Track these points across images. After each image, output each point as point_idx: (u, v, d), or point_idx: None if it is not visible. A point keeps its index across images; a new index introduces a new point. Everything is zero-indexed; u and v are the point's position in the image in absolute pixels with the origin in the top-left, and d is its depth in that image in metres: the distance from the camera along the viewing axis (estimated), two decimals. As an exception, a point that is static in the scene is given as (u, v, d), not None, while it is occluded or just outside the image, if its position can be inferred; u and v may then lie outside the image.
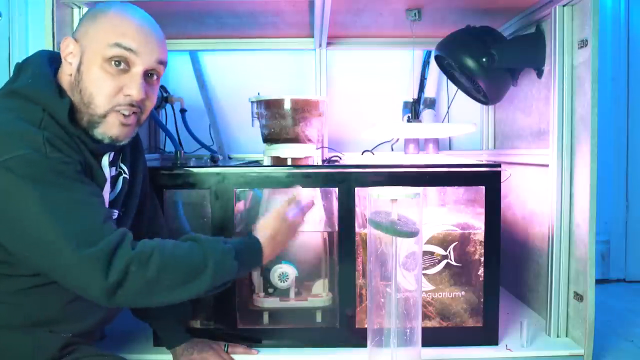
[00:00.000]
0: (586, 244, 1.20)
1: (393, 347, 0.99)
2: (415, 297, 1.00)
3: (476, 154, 1.84)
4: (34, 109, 0.86)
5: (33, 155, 0.80)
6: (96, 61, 0.88)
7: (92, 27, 0.90)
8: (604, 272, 2.07)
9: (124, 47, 0.88)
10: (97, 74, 0.88)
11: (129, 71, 0.90)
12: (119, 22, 0.90)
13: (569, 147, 1.26)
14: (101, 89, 0.88)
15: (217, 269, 0.88)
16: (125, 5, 0.93)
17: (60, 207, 0.80)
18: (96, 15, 0.91)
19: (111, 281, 0.79)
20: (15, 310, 0.88)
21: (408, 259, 1.00)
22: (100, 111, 0.89)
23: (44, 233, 0.79)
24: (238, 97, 1.76)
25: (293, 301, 1.27)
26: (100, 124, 0.90)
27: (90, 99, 0.89)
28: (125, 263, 0.81)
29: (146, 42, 0.91)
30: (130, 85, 0.90)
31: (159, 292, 0.84)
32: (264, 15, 1.53)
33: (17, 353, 0.89)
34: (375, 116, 1.86)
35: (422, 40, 1.70)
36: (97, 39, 0.89)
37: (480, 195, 1.21)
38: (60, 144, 0.84)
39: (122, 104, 0.90)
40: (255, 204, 1.34)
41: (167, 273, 0.84)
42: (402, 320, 0.99)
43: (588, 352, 1.21)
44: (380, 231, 0.95)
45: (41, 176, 0.80)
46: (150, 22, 0.94)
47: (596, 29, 1.16)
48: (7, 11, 1.74)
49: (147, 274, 0.82)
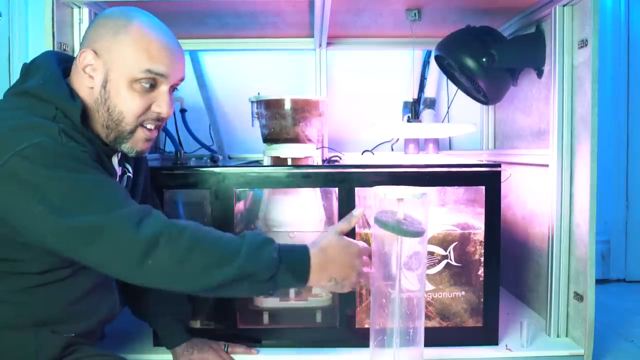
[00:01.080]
0: (586, 244, 1.20)
1: (395, 347, 0.99)
2: (418, 297, 0.99)
3: (476, 154, 1.84)
4: (47, 107, 0.86)
5: (50, 142, 0.79)
6: (125, 82, 0.89)
7: (116, 43, 0.88)
8: (604, 272, 2.07)
9: (155, 72, 0.89)
10: (126, 93, 0.89)
11: (157, 89, 0.92)
12: (147, 44, 0.89)
13: (569, 147, 1.26)
14: (131, 109, 0.90)
15: (249, 264, 0.82)
16: (144, 16, 0.92)
17: (84, 184, 0.79)
18: (118, 29, 0.89)
19: (142, 247, 0.77)
20: (18, 310, 0.88)
21: (411, 259, 1.00)
22: (130, 128, 0.91)
23: (63, 215, 0.77)
24: (238, 97, 1.76)
25: (293, 301, 1.27)
26: (128, 140, 0.93)
27: (120, 117, 0.90)
28: (156, 230, 0.79)
29: (174, 64, 0.92)
30: (159, 103, 0.92)
31: (185, 273, 0.80)
32: (264, 15, 1.53)
33: (20, 353, 0.88)
34: (375, 116, 1.86)
35: (422, 40, 1.70)
36: (125, 61, 0.88)
37: (480, 195, 1.21)
38: (75, 135, 0.84)
39: (149, 119, 0.93)
40: (255, 204, 1.34)
41: (197, 252, 0.80)
42: (404, 320, 0.99)
43: (588, 352, 1.21)
44: (387, 230, 0.95)
45: (57, 161, 0.79)
46: (174, 39, 0.94)
47: (596, 29, 1.16)
48: (7, 11, 1.74)
49: (177, 249, 0.79)
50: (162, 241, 0.79)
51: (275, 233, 1.29)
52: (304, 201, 1.32)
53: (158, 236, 0.79)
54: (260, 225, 1.30)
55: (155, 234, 0.79)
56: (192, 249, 0.80)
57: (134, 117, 0.91)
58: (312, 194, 1.32)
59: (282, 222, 1.29)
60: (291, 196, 1.31)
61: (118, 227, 0.78)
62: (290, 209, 1.31)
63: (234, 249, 0.83)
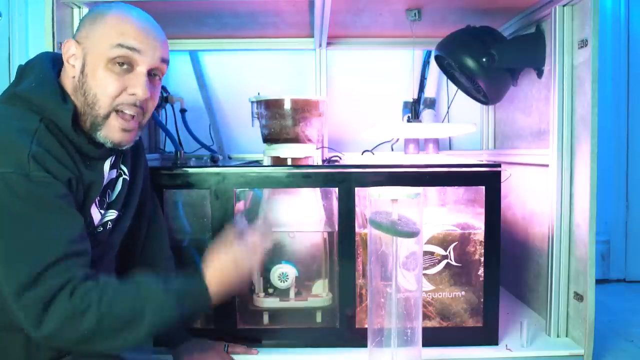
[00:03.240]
0: (586, 244, 1.20)
1: (393, 347, 0.99)
2: (416, 297, 0.99)
3: (476, 154, 1.84)
4: (32, 118, 0.85)
5: (13, 175, 0.79)
6: (100, 63, 0.88)
7: (92, 29, 0.90)
8: (604, 272, 2.07)
9: (126, 47, 0.88)
10: (101, 74, 0.88)
11: (133, 70, 0.90)
12: (119, 23, 0.89)
13: (569, 147, 1.26)
14: (105, 89, 0.88)
15: (154, 319, 0.83)
16: (124, 5, 0.93)
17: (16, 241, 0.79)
18: (95, 17, 0.91)
19: (45, 330, 0.78)
20: (12, 312, 0.88)
21: (408, 259, 1.00)
22: (104, 112, 0.89)
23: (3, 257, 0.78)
24: (238, 97, 1.76)
25: (293, 301, 1.27)
26: (102, 126, 0.90)
27: (94, 100, 0.89)
28: (60, 315, 0.79)
29: (148, 40, 0.91)
30: (134, 84, 0.90)
31: (95, 342, 0.81)
32: (264, 15, 1.53)
33: (16, 354, 0.88)
34: (375, 116, 1.86)
35: (422, 40, 1.70)
36: (99, 41, 0.89)
37: (480, 195, 1.21)
38: (49, 160, 0.82)
39: (125, 103, 0.90)
40: (255, 204, 1.34)
41: (102, 326, 0.80)
42: (402, 320, 0.99)
43: (588, 352, 1.21)
44: (381, 231, 0.95)
45: (11, 201, 0.79)
46: (150, 20, 0.94)
47: (596, 29, 1.16)
48: (7, 11, 1.74)
49: (82, 327, 0.79)
50: (66, 322, 0.78)
51: (275, 233, 1.29)
52: (304, 201, 1.32)
53: (64, 317, 0.78)
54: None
55: (61, 319, 0.78)
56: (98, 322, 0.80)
57: (107, 98, 0.89)
58: (312, 194, 1.32)
59: (282, 222, 1.29)
60: (291, 196, 1.31)
61: (21, 313, 0.78)
62: (290, 209, 1.31)
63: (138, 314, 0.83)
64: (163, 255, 1.17)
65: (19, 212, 0.79)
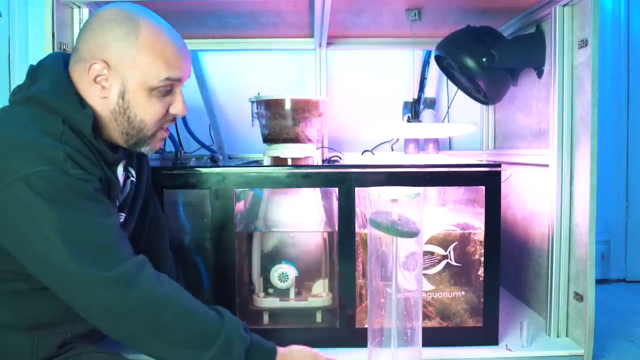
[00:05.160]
0: (586, 244, 1.20)
1: (394, 347, 0.99)
2: (416, 297, 0.99)
3: (476, 154, 1.84)
4: (54, 120, 0.84)
5: (54, 172, 0.78)
6: (143, 91, 0.89)
7: (127, 53, 0.87)
8: (604, 272, 2.07)
9: (173, 79, 0.91)
10: (145, 101, 0.90)
11: (172, 91, 0.93)
12: (162, 50, 0.89)
13: (569, 147, 1.26)
14: (153, 116, 0.92)
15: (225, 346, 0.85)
16: (150, 17, 0.90)
17: (75, 230, 0.79)
18: (128, 36, 0.87)
19: (125, 310, 0.79)
20: (18, 312, 0.88)
21: (408, 259, 1.00)
22: (151, 133, 0.93)
23: (54, 254, 0.78)
24: (238, 97, 1.76)
25: (293, 301, 1.27)
26: (149, 143, 0.95)
27: (141, 125, 0.91)
28: (144, 296, 0.80)
29: (187, 64, 0.94)
30: (175, 105, 0.94)
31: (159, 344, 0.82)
32: (264, 15, 1.53)
33: (18, 352, 0.88)
34: (375, 116, 1.86)
35: (422, 40, 1.70)
36: (142, 71, 0.88)
37: (480, 195, 1.21)
38: (81, 159, 0.83)
39: (167, 121, 0.95)
40: (255, 204, 1.34)
41: (177, 328, 0.82)
42: (402, 320, 0.99)
43: (588, 352, 1.21)
44: (381, 231, 0.95)
45: (59, 195, 0.78)
46: (179, 37, 0.94)
47: (596, 29, 1.16)
48: (7, 11, 1.74)
49: (157, 321, 0.80)
50: (143, 311, 0.80)
51: (275, 233, 1.29)
52: (304, 201, 1.32)
53: (141, 305, 0.80)
54: (260, 225, 1.30)
55: (140, 303, 0.80)
56: (170, 326, 0.82)
57: (155, 123, 0.93)
58: (312, 194, 1.32)
59: (282, 222, 1.29)
60: (291, 196, 1.31)
61: (108, 287, 0.79)
62: (290, 209, 1.31)
63: (210, 336, 0.85)
64: (163, 256, 1.17)
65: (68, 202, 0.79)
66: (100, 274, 0.78)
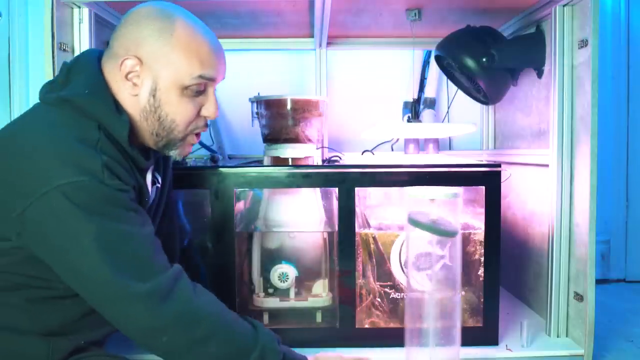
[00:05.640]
0: (586, 244, 1.20)
1: (432, 346, 0.99)
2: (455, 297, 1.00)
3: (476, 154, 1.84)
4: (90, 126, 0.83)
5: (91, 182, 0.77)
6: (176, 90, 0.87)
7: (162, 50, 0.85)
8: (604, 272, 2.07)
9: (207, 78, 0.89)
10: (177, 101, 0.88)
11: (205, 92, 0.91)
12: (197, 49, 0.87)
13: (569, 147, 1.26)
14: (184, 117, 0.89)
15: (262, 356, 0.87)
16: (185, 15, 0.89)
17: (112, 241, 0.78)
18: (162, 32, 0.85)
19: (161, 324, 0.79)
20: (34, 318, 0.87)
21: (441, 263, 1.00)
22: (182, 135, 0.91)
23: (91, 266, 0.77)
24: (238, 97, 1.76)
25: (293, 301, 1.27)
26: (178, 146, 0.92)
27: (172, 125, 0.89)
28: (180, 309, 0.80)
29: (221, 65, 0.92)
30: (207, 106, 0.92)
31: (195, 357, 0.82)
32: (264, 15, 1.53)
33: (32, 356, 0.88)
34: (375, 116, 1.86)
35: (422, 40, 1.70)
36: (175, 68, 0.86)
37: (480, 195, 1.21)
38: (117, 168, 0.82)
39: (200, 125, 0.92)
40: (255, 204, 1.34)
41: (212, 344, 0.82)
42: (440, 320, 0.99)
43: (588, 352, 1.21)
44: (422, 230, 0.95)
45: (96, 206, 0.77)
46: (215, 36, 0.92)
47: (596, 29, 1.16)
48: (7, 11, 1.74)
49: (193, 336, 0.80)
50: (181, 324, 0.80)
51: (276, 233, 1.29)
52: (304, 201, 1.32)
53: (179, 318, 0.80)
54: (260, 225, 1.30)
55: (178, 315, 0.80)
56: (208, 339, 0.82)
57: (186, 124, 0.90)
58: (312, 194, 1.32)
59: (282, 222, 1.30)
60: (291, 196, 1.31)
61: (146, 300, 0.78)
62: (290, 209, 1.31)
63: (246, 349, 0.85)
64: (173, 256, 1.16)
65: (105, 212, 0.78)
66: (136, 286, 0.78)
